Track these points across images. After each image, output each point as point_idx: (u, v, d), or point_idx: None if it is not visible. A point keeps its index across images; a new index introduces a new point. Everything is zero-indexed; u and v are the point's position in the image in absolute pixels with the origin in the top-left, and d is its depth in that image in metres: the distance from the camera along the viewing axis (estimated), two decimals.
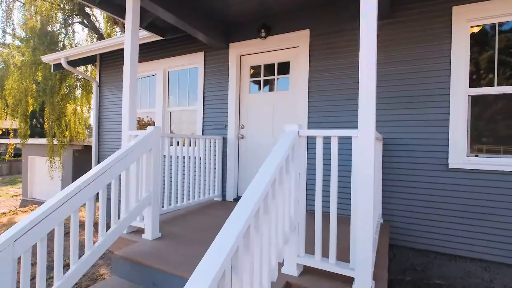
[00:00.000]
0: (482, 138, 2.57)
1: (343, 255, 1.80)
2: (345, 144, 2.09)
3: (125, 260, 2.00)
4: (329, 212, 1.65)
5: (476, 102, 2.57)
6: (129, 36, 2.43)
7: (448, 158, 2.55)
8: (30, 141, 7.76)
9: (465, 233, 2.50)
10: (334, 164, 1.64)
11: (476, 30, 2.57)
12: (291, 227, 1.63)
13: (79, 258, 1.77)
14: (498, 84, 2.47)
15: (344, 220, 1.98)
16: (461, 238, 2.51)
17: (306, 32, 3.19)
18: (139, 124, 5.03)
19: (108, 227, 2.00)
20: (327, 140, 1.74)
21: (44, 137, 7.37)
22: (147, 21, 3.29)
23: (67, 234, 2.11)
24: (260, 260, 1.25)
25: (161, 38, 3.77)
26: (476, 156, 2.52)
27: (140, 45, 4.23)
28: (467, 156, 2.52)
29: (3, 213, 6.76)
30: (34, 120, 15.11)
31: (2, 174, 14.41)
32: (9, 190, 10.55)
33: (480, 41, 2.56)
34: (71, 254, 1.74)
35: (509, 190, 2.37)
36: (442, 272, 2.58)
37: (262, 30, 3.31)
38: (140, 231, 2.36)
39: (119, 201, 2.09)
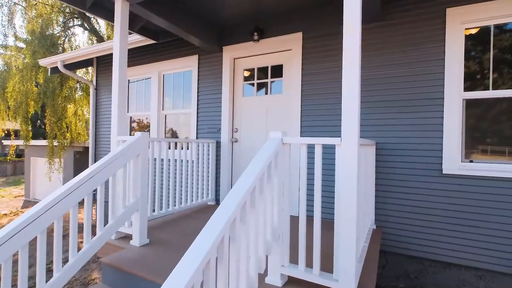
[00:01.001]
0: (477, 143, 2.50)
1: (329, 263, 1.77)
2: (333, 148, 2.06)
3: (111, 268, 1.99)
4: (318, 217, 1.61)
5: (471, 106, 2.50)
6: (118, 41, 2.42)
7: (442, 164, 2.50)
8: (32, 142, 7.85)
9: (460, 240, 2.44)
10: (318, 172, 1.61)
11: (470, 32, 2.51)
12: (274, 236, 1.60)
13: (63, 266, 1.76)
14: (494, 88, 2.40)
15: (332, 225, 1.94)
16: (455, 246, 2.45)
17: (299, 35, 3.15)
18: (138, 126, 5.05)
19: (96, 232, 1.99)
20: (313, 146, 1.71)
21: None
22: (139, 25, 3.28)
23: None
24: (236, 271, 1.22)
25: (154, 41, 3.77)
26: (471, 161, 2.46)
27: (135, 48, 4.25)
28: (461, 162, 2.46)
29: (4, 214, 6.84)
30: (38, 121, 15.31)
31: (7, 175, 14.62)
32: (12, 190, 10.69)
33: (475, 43, 2.50)
34: (55, 261, 1.73)
35: (505, 197, 2.30)
36: (436, 280, 2.52)
37: (255, 33, 3.28)
38: (129, 237, 2.35)
39: (105, 204, 2.08)
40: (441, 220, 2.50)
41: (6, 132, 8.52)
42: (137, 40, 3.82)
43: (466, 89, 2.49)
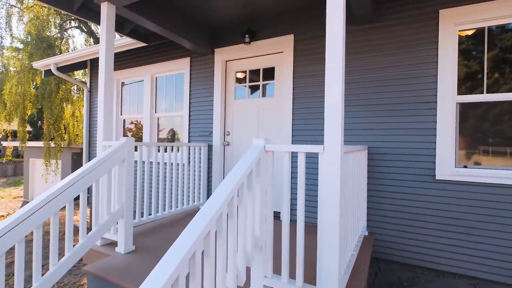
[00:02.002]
0: (471, 148, 2.44)
1: (315, 272, 1.71)
2: None
3: (94, 277, 1.96)
4: (306, 222, 1.56)
5: (465, 110, 2.44)
6: (104, 45, 2.38)
7: (435, 169, 2.43)
8: (29, 144, 7.86)
9: (454, 248, 2.37)
10: (301, 180, 1.56)
11: (464, 34, 2.45)
12: (256, 246, 1.55)
13: (42, 275, 1.73)
14: (488, 91, 2.34)
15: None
16: (449, 253, 2.39)
17: (290, 37, 3.10)
18: (136, 128, 5.03)
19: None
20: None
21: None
22: (129, 28, 3.25)
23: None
24: (212, 286, 1.18)
25: (145, 44, 3.74)
26: (465, 167, 2.40)
27: (128, 51, 4.23)
28: (455, 167, 2.40)
29: (1, 216, 6.85)
30: (39, 122, 15.37)
31: (7, 175, 14.69)
32: (12, 191, 10.71)
33: (469, 45, 2.43)
34: (34, 271, 1.70)
35: (499, 203, 2.24)
36: None
37: (246, 36, 3.24)
38: (114, 243, 2.31)
39: (89, 210, 2.04)
40: (434, 227, 2.44)
41: (5, 133, 8.53)
42: (128, 43, 3.79)
43: (460, 92, 2.42)
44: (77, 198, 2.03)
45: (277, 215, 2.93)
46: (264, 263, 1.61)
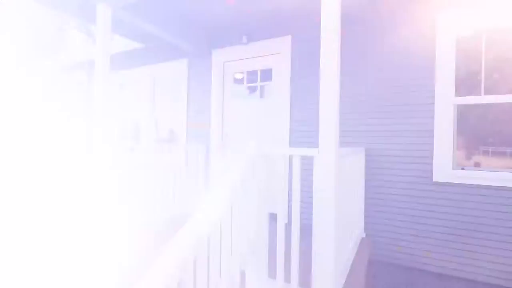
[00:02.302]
0: (470, 149, 2.42)
1: (310, 276, 1.70)
2: None
3: None
4: (305, 223, 1.56)
5: (463, 111, 2.43)
6: (100, 46, 2.37)
7: (432, 171, 2.42)
8: None
9: (452, 251, 2.36)
10: (297, 183, 1.55)
11: (462, 37, 2.43)
12: (250, 250, 1.54)
13: None
14: (486, 93, 2.32)
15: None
16: (447, 256, 2.37)
17: (288, 38, 3.09)
18: (136, 128, 5.01)
19: None
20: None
21: None
22: (127, 29, 3.24)
23: None
24: None
25: (143, 45, 3.73)
26: (462, 169, 2.38)
27: (125, 52, 4.22)
28: (453, 169, 2.38)
29: None
30: None
31: None
32: None
33: (466, 48, 2.42)
34: None
35: (498, 206, 2.22)
36: None
37: (244, 37, 3.23)
38: None
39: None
40: (432, 229, 2.43)
41: None
42: (126, 44, 3.78)
43: (458, 94, 2.41)
44: None
45: (274, 217, 2.93)
46: (259, 266, 1.60)
